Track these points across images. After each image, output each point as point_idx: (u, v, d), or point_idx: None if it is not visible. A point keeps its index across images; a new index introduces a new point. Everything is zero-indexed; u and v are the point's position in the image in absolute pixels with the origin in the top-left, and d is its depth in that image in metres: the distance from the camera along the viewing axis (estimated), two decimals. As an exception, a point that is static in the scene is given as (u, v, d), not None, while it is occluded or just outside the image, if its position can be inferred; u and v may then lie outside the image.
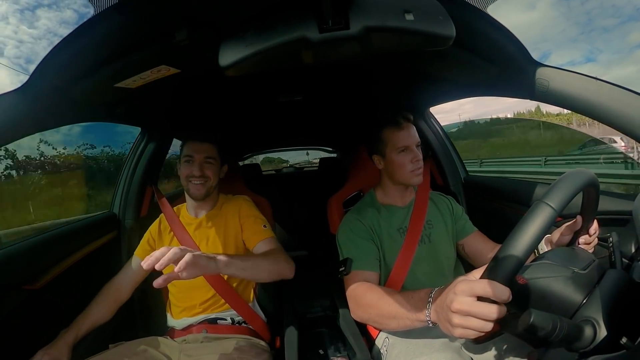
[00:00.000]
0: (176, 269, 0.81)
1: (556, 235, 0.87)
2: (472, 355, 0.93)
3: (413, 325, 0.81)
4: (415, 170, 1.19)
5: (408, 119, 1.23)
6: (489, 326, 0.58)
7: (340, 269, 1.14)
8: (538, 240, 0.57)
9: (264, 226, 1.33)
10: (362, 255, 1.15)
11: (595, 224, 0.83)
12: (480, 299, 0.58)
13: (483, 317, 0.58)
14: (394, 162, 1.21)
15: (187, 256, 0.82)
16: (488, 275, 0.60)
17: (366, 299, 0.98)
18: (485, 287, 0.57)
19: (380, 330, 1.16)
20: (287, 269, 1.16)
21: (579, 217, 0.81)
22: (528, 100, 1.02)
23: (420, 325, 0.78)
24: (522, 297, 0.65)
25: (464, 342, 0.96)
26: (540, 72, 0.91)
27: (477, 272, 0.65)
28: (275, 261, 1.14)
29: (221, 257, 0.96)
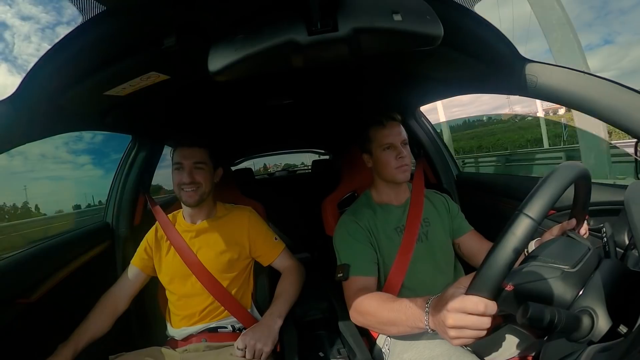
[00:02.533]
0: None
1: (547, 236, 0.88)
2: (474, 348, 0.94)
3: (412, 331, 0.83)
4: (401, 167, 1.21)
5: (393, 117, 1.26)
6: (483, 333, 0.63)
7: (339, 275, 1.14)
8: (519, 252, 0.57)
9: (275, 239, 1.40)
10: (359, 260, 1.15)
11: (585, 226, 0.84)
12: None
13: (476, 328, 0.62)
14: (380, 159, 1.24)
15: (264, 353, 1.06)
16: (473, 291, 0.62)
17: (365, 306, 0.99)
18: (475, 304, 0.61)
19: None
20: (303, 278, 1.38)
21: (573, 220, 0.83)
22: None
23: (419, 331, 0.80)
24: (512, 301, 0.66)
25: None
26: (529, 68, 0.93)
27: (466, 280, 0.67)
28: (299, 281, 1.35)
29: (277, 319, 1.17)
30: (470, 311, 0.62)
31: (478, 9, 0.82)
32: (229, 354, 1.11)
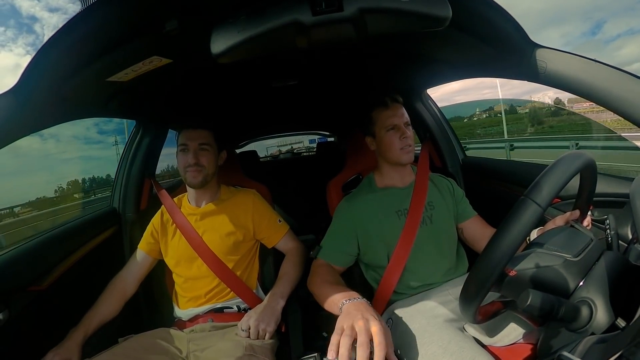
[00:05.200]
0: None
1: (550, 226, 0.88)
2: (474, 334, 0.95)
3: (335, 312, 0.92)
4: (405, 148, 1.22)
5: (395, 99, 1.26)
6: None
7: (312, 252, 1.28)
8: (523, 238, 0.57)
9: (279, 221, 1.41)
10: (331, 248, 1.24)
11: (588, 218, 0.85)
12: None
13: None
14: (383, 141, 1.24)
15: (267, 333, 1.11)
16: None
17: (312, 283, 1.15)
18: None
19: (383, 311, 1.17)
20: (305, 260, 1.38)
21: (577, 211, 0.82)
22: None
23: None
24: (515, 286, 0.66)
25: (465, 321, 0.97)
26: (538, 54, 0.90)
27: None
28: (302, 262, 1.37)
29: (279, 299, 1.19)
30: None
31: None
32: (234, 334, 1.14)
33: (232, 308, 1.30)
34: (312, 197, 2.62)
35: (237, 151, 3.58)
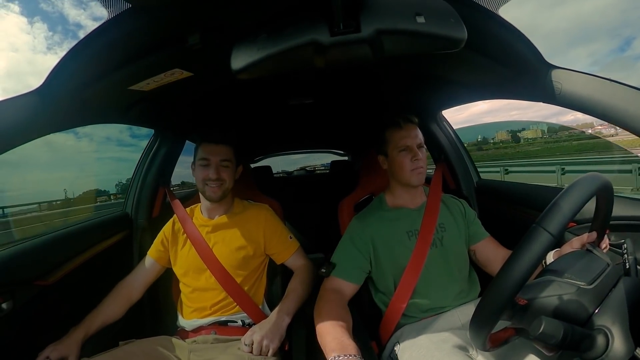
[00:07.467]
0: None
1: (567, 248, 0.86)
2: None
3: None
4: (416, 169, 1.21)
5: (410, 120, 1.26)
6: None
7: (323, 270, 1.20)
8: (534, 267, 0.56)
9: (290, 237, 1.41)
10: (346, 264, 1.20)
11: (605, 240, 0.82)
12: None
13: None
14: (395, 161, 1.24)
15: (271, 350, 1.08)
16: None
17: (319, 308, 1.07)
18: None
19: (390, 336, 1.15)
20: (313, 278, 1.35)
21: (593, 233, 0.80)
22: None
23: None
24: (526, 315, 0.64)
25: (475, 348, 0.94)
26: (553, 74, 0.90)
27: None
28: (310, 281, 1.33)
29: (285, 317, 1.16)
30: None
31: (502, 13, 0.80)
32: (236, 348, 1.13)
33: (237, 322, 1.28)
34: (323, 215, 2.61)
35: (252, 166, 3.62)
